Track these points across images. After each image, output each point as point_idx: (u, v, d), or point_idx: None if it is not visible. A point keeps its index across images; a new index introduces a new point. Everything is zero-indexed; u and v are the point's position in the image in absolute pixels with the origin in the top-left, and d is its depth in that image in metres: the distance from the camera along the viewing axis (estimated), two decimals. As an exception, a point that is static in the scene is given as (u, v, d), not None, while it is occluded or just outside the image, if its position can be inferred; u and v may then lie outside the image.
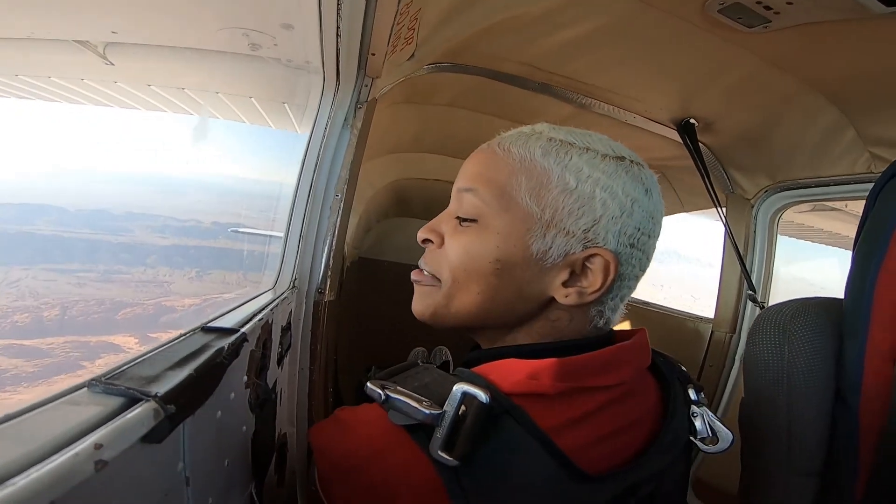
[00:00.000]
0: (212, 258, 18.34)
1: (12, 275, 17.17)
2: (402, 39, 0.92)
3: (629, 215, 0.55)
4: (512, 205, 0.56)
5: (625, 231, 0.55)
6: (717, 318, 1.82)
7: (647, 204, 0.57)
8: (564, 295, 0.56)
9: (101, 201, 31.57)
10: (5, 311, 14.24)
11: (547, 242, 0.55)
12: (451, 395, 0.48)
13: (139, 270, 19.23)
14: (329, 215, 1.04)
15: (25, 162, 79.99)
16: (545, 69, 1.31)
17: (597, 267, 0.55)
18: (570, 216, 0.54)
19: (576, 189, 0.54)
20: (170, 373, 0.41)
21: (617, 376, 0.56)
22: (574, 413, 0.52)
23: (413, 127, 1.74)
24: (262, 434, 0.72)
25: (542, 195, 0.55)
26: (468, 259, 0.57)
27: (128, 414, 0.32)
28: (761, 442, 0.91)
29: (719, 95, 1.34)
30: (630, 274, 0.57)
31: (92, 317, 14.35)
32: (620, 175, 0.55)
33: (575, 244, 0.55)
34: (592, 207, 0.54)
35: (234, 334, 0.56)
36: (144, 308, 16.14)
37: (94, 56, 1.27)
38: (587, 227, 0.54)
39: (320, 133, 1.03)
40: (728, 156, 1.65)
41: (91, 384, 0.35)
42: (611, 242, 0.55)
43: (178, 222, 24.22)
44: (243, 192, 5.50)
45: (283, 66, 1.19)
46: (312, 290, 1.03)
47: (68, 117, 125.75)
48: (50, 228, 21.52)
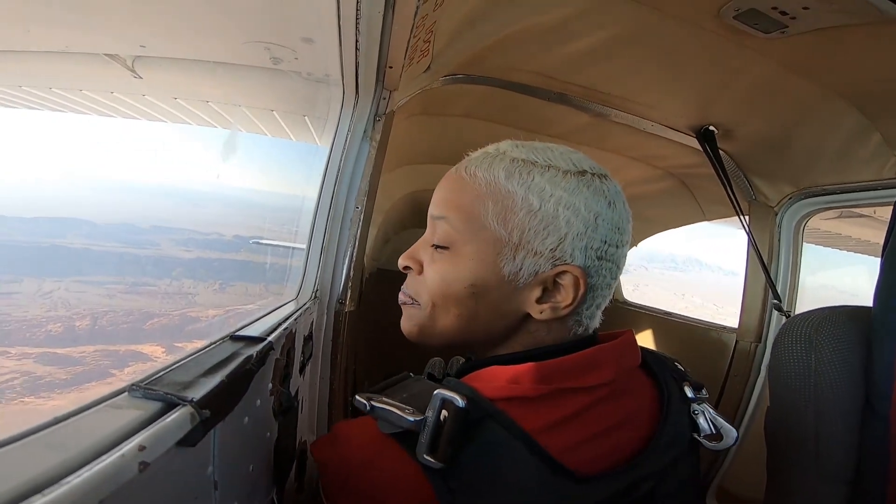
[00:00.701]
0: (234, 270, 18.82)
1: (45, 286, 17.86)
2: (418, 52, 0.94)
3: (594, 230, 0.57)
4: (481, 230, 0.58)
5: (591, 245, 0.57)
6: (742, 327, 1.78)
7: (612, 216, 0.58)
8: (539, 311, 0.58)
9: (127, 215, 32.54)
10: (39, 321, 14.87)
11: (517, 264, 0.57)
12: (430, 402, 0.50)
13: (165, 282, 19.87)
14: (350, 227, 1.06)
15: (56, 173, 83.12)
16: (560, 79, 1.31)
17: (567, 282, 0.57)
18: (537, 237, 0.56)
19: (540, 210, 0.56)
20: (203, 379, 0.42)
21: (597, 377, 0.57)
22: (557, 415, 0.54)
23: (429, 138, 1.75)
24: (284, 441, 0.73)
25: (509, 218, 0.57)
26: (445, 285, 0.60)
27: (167, 418, 0.34)
28: (788, 450, 0.90)
29: (738, 102, 1.32)
30: (601, 283, 0.59)
31: (121, 326, 14.88)
32: (582, 191, 0.57)
33: (543, 263, 0.57)
34: (557, 226, 0.56)
35: (261, 343, 0.58)
36: (171, 318, 16.67)
37: (123, 69, 1.32)
38: (553, 245, 0.56)
39: (341, 145, 1.05)
40: (749, 163, 1.62)
41: (132, 389, 0.37)
42: (578, 258, 0.56)
43: (201, 235, 24.80)
44: (264, 206, 5.57)
45: (303, 80, 1.22)
46: (334, 300, 1.05)
47: (96, 129, 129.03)
48: (80, 242, 22.30)
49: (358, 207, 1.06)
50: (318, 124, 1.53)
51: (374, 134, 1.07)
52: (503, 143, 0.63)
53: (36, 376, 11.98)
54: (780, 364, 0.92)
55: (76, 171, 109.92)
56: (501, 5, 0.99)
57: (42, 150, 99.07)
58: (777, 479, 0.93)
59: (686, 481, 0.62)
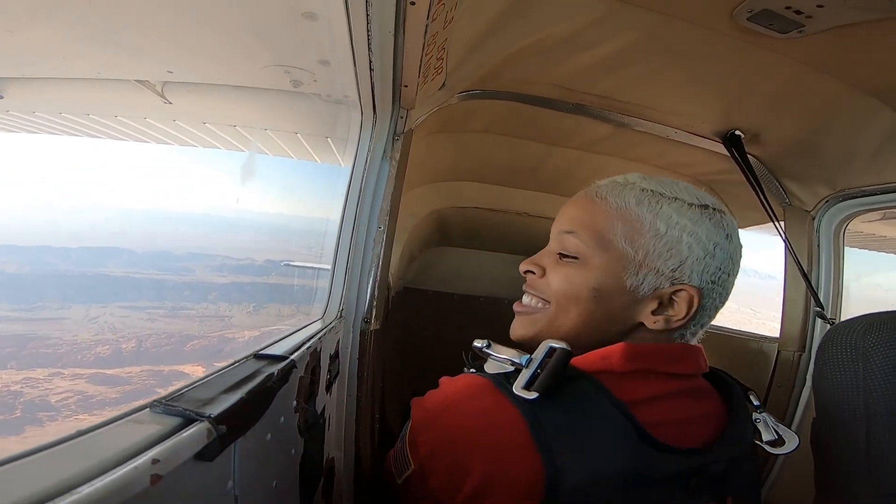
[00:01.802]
0: (266, 293, 19.73)
1: (92, 312, 19.14)
2: (431, 70, 0.96)
3: (711, 257, 0.65)
4: (609, 246, 0.66)
5: (707, 270, 0.65)
6: (783, 336, 1.70)
7: (728, 247, 0.67)
8: (653, 321, 0.65)
9: (164, 243, 34.18)
10: (89, 344, 16.00)
11: (639, 279, 0.65)
12: (539, 348, 0.60)
13: (202, 306, 21.03)
14: (373, 247, 1.07)
15: (96, 203, 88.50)
16: (577, 89, 1.31)
17: (682, 300, 0.65)
18: (660, 258, 0.64)
19: (665, 234, 0.65)
20: (224, 396, 0.43)
21: (685, 367, 0.66)
22: (645, 393, 0.61)
23: (449, 155, 1.77)
24: (311, 457, 0.74)
25: (636, 239, 0.65)
26: (569, 286, 0.68)
27: (183, 433, 0.35)
28: (838, 463, 0.87)
29: (762, 105, 1.29)
30: (710, 306, 0.67)
31: (163, 348, 15.87)
32: (704, 222, 0.65)
33: (664, 281, 0.65)
34: (679, 250, 0.64)
35: (283, 361, 0.59)
36: (209, 340, 17.65)
37: (153, 95, 1.39)
38: (675, 266, 0.64)
39: (361, 165, 1.07)
40: (781, 166, 1.57)
41: (153, 405, 0.39)
42: (695, 280, 0.65)
43: (233, 261, 26.04)
44: (291, 230, 5.82)
45: (323, 102, 1.26)
46: (359, 319, 1.06)
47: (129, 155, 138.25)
48: (121, 270, 23.70)
49: (381, 227, 1.08)
50: (340, 145, 1.57)
51: (394, 153, 1.09)
52: (631, 174, 0.71)
53: (88, 395, 12.81)
54: (826, 374, 0.88)
55: (113, 200, 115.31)
56: (511, 20, 1.00)
57: (78, 177, 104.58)
58: (827, 494, 0.90)
59: (747, 479, 0.68)
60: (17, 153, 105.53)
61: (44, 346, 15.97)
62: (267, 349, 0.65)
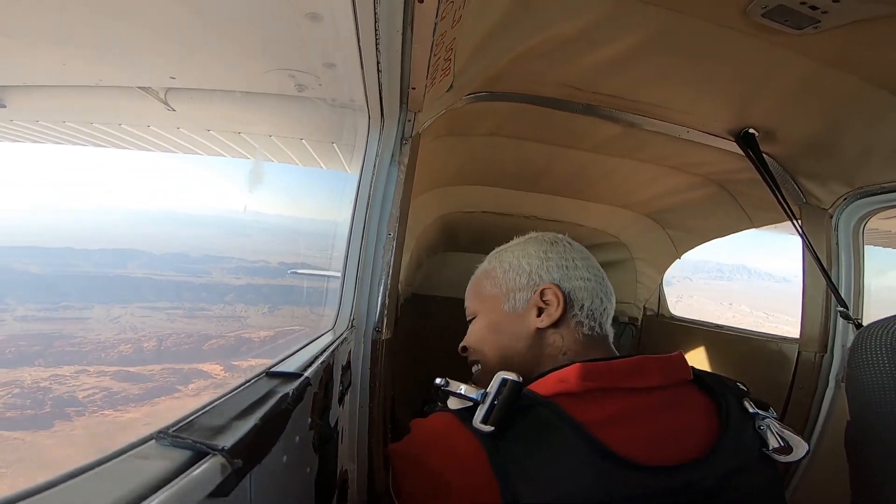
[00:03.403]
0: (280, 295, 20.15)
1: (113, 312, 19.71)
2: (439, 71, 0.93)
3: (546, 259, 0.84)
4: (485, 296, 0.89)
5: (550, 269, 0.83)
6: (804, 337, 1.66)
7: (555, 248, 0.86)
8: (540, 321, 0.80)
9: (180, 245, 34.67)
10: (112, 342, 16.51)
11: (512, 301, 0.84)
12: (492, 382, 0.62)
13: (219, 307, 21.61)
14: (383, 255, 1.05)
15: (111, 206, 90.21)
16: (586, 89, 1.28)
17: (550, 296, 0.81)
18: (515, 279, 0.85)
19: (510, 265, 0.87)
20: (237, 423, 0.40)
21: (643, 380, 0.66)
22: (606, 411, 0.62)
23: (456, 159, 1.74)
24: (325, 472, 0.72)
25: (496, 281, 0.87)
26: (475, 338, 0.90)
27: (195, 470, 0.32)
28: (877, 466, 0.85)
29: (777, 102, 1.26)
30: (578, 287, 0.81)
31: (183, 347, 16.36)
32: (530, 244, 0.88)
33: (527, 292, 0.83)
34: (522, 267, 0.85)
35: (298, 379, 0.57)
36: (227, 339, 18.17)
37: (157, 102, 1.38)
38: (526, 280, 0.84)
39: (370, 170, 1.05)
40: (797, 164, 1.53)
41: (159, 437, 0.35)
42: (546, 278, 0.83)
43: (248, 263, 26.61)
44: (303, 232, 5.86)
45: (328, 106, 1.24)
46: (370, 329, 1.04)
47: (133, 162, 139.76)
48: (141, 271, 24.35)
49: (390, 234, 1.05)
50: (346, 151, 1.55)
51: (402, 157, 1.06)
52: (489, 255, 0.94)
53: (113, 391, 13.20)
54: (859, 375, 0.87)
55: (125, 204, 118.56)
56: (519, 19, 0.98)
57: (92, 182, 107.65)
58: (863, 496, 0.88)
59: (757, 494, 0.65)
60: (36, 159, 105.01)
61: (69, 345, 16.52)
62: (279, 366, 0.63)
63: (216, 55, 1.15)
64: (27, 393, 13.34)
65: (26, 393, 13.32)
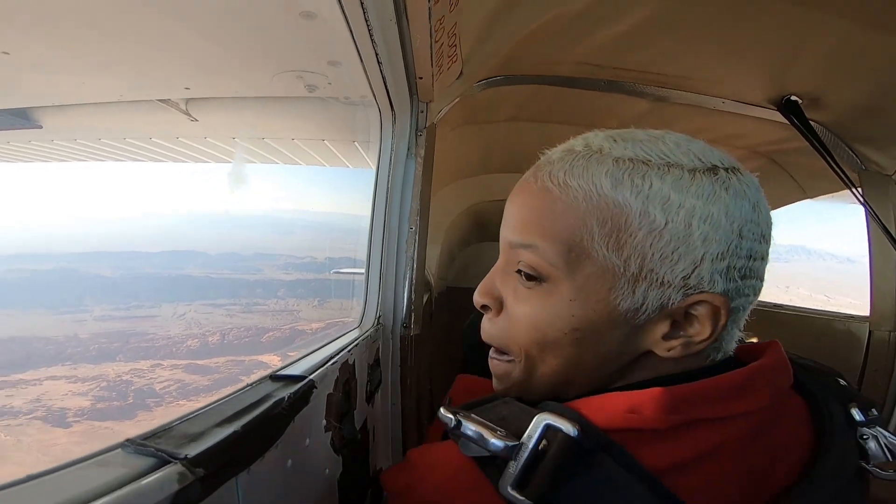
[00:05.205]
0: (328, 289, 21.06)
1: (179, 309, 21.42)
2: (445, 58, 0.90)
3: (738, 246, 0.44)
4: (585, 261, 0.45)
5: (734, 265, 0.44)
6: (875, 314, 1.53)
7: (757, 222, 0.45)
8: (667, 349, 0.46)
9: (232, 245, 36.91)
10: (181, 338, 18.00)
11: (637, 299, 0.44)
12: (531, 427, 0.41)
13: (273, 301, 22.96)
14: (406, 249, 1.04)
15: (166, 211, 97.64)
16: (608, 65, 1.21)
17: (703, 313, 0.44)
18: (664, 263, 0.43)
19: (666, 227, 0.43)
20: (217, 429, 0.40)
21: (750, 403, 0.44)
22: (690, 452, 0.42)
23: (479, 148, 1.71)
24: (352, 474, 0.72)
25: (623, 241, 0.44)
26: (538, 333, 0.48)
27: (148, 478, 0.31)
28: None
29: (818, 67, 1.17)
30: (744, 304, 0.47)
31: (243, 340, 17.58)
32: (720, 196, 0.43)
33: (673, 294, 0.44)
34: (691, 246, 0.43)
35: (300, 382, 0.56)
36: (282, 332, 19.34)
37: (179, 114, 1.42)
38: (687, 272, 0.43)
39: (386, 165, 1.03)
40: (850, 130, 1.42)
41: (125, 445, 0.35)
42: (718, 284, 0.44)
43: (296, 259, 27.95)
44: (343, 228, 5.95)
45: (342, 105, 1.24)
46: (398, 325, 1.03)
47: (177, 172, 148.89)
48: (199, 271, 26.27)
49: (412, 228, 1.04)
50: (367, 148, 1.55)
51: (418, 149, 1.04)
52: (590, 134, 0.49)
53: (186, 383, 14.45)
54: None
55: (179, 210, 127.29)
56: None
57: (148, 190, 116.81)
58: None
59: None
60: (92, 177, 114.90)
61: (143, 341, 18.24)
62: (287, 368, 0.62)
63: (223, 64, 1.17)
64: (112, 386, 14.71)
65: (112, 386, 14.70)
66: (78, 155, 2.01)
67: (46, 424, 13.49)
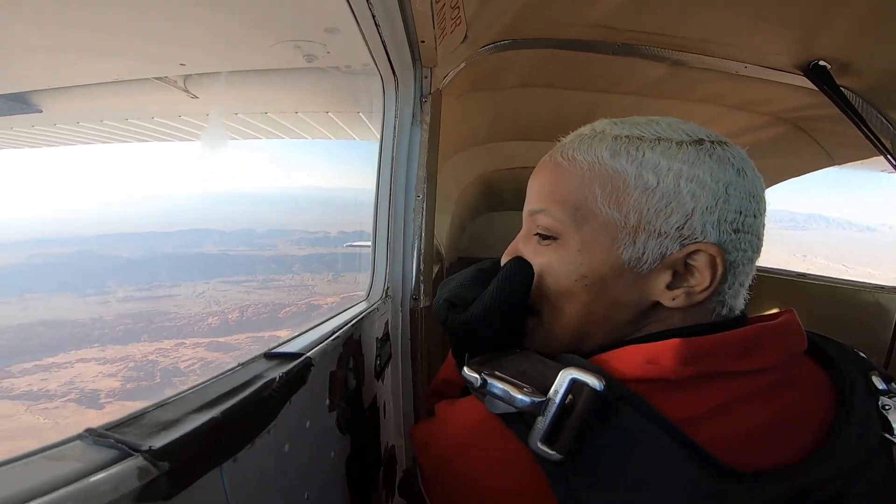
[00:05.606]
0: (342, 262, 21.31)
1: (198, 288, 21.97)
2: (448, 21, 0.86)
3: (725, 201, 0.50)
4: (590, 218, 0.53)
5: (724, 218, 0.50)
6: None
7: (743, 184, 0.52)
8: (671, 298, 0.51)
9: (246, 222, 37.65)
10: (201, 316, 18.52)
11: (638, 248, 0.51)
12: (556, 382, 0.44)
13: (288, 277, 23.33)
14: (413, 218, 1.01)
15: (181, 192, 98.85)
16: (621, 28, 1.15)
17: (701, 263, 0.50)
18: (659, 216, 0.51)
19: (658, 186, 0.51)
20: (192, 416, 0.36)
21: (758, 360, 0.48)
22: (705, 403, 0.46)
23: (487, 115, 1.65)
24: (362, 454, 0.70)
25: (622, 200, 0.52)
26: (552, 280, 0.55)
27: (101, 473, 0.28)
28: None
29: (848, 31, 1.10)
30: (742, 259, 0.52)
31: (262, 316, 18.01)
32: (704, 160, 0.51)
33: (670, 244, 0.51)
34: (681, 202, 0.50)
35: (296, 359, 0.53)
36: (298, 307, 19.74)
37: (179, 91, 1.39)
38: (680, 223, 0.50)
39: (390, 133, 1.00)
40: (882, 96, 1.34)
41: (83, 436, 0.31)
42: (711, 234, 0.50)
43: (310, 234, 28.24)
44: (355, 202, 5.94)
45: (343, 74, 1.19)
46: (407, 297, 1.01)
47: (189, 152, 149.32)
48: (216, 248, 26.86)
49: (419, 196, 1.01)
50: (371, 119, 1.50)
51: (423, 116, 1.01)
52: (598, 122, 0.58)
53: (208, 361, 14.94)
54: None
55: (195, 187, 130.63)
56: None
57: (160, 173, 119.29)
58: None
59: (881, 485, 0.49)
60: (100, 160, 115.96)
61: (166, 320, 18.78)
62: (284, 345, 0.59)
63: (217, 36, 1.13)
64: (140, 366, 15.23)
65: (139, 366, 15.21)
66: (82, 138, 2.00)
67: (80, 406, 14.06)
